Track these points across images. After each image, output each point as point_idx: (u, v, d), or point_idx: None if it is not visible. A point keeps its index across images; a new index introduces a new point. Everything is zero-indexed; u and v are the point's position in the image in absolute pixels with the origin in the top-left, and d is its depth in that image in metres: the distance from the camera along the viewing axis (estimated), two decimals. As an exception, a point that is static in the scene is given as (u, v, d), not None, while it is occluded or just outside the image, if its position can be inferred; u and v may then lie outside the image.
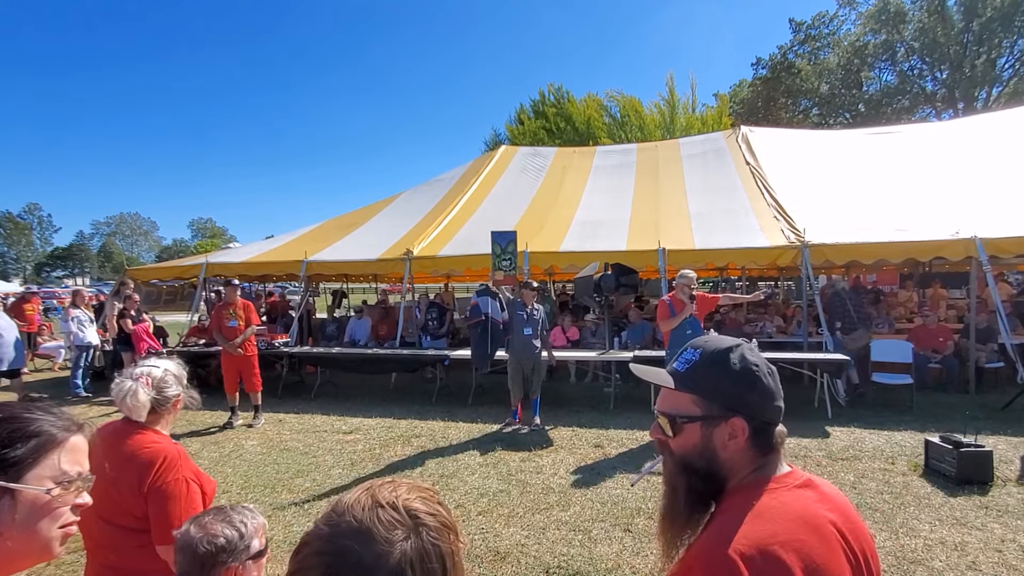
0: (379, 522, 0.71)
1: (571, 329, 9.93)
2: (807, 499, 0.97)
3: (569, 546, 3.79)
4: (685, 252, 8.35)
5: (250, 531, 1.43)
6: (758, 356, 1.05)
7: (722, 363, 1.03)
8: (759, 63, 35.08)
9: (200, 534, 1.38)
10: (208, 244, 59.78)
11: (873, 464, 5.18)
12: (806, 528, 0.91)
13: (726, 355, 1.03)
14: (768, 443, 1.02)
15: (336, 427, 6.83)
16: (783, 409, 1.04)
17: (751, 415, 1.00)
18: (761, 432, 1.01)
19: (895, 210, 8.75)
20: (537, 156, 14.23)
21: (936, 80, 30.86)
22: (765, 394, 1.02)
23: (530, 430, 6.47)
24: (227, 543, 1.38)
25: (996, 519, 4.04)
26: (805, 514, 0.94)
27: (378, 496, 0.75)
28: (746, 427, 1.00)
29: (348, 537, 0.70)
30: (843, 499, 1.03)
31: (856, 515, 1.02)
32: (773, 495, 0.96)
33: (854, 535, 0.97)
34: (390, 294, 13.46)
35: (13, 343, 8.34)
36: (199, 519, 1.43)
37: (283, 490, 4.90)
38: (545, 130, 28.10)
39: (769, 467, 1.01)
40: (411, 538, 0.71)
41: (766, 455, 1.02)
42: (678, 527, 1.04)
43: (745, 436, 1.00)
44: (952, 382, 8.02)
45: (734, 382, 1.02)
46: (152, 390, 1.90)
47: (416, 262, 9.45)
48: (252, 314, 7.25)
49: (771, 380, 1.03)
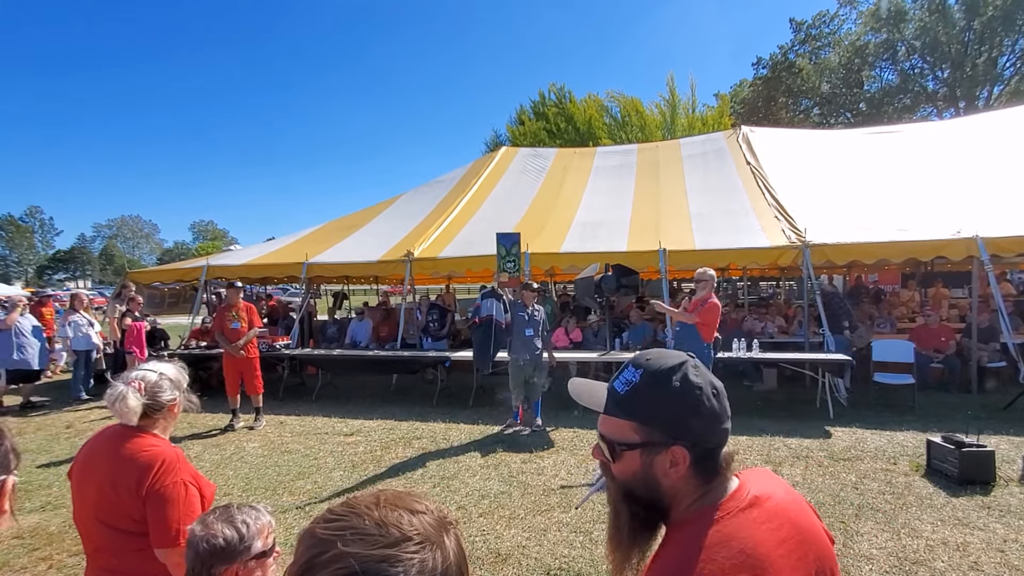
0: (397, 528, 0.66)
1: (575, 330, 9.93)
2: (753, 523, 0.92)
3: (571, 548, 3.79)
4: (686, 253, 8.34)
5: (252, 532, 1.42)
6: (703, 376, 0.98)
7: (662, 384, 0.95)
8: (759, 63, 35.10)
9: (202, 533, 1.38)
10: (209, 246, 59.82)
11: (875, 464, 5.17)
12: (753, 559, 0.87)
13: (668, 376, 0.96)
14: (712, 469, 0.96)
15: (337, 429, 6.83)
16: (729, 430, 0.98)
17: (693, 441, 0.94)
18: (705, 458, 0.95)
19: (896, 210, 8.73)
20: (537, 157, 14.23)
21: (937, 79, 30.83)
22: (709, 418, 0.95)
23: (531, 431, 6.47)
24: (226, 544, 1.37)
25: (998, 519, 4.03)
26: (752, 542, 0.89)
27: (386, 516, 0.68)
28: (687, 455, 0.94)
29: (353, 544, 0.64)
30: (794, 506, 0.98)
31: (807, 521, 0.98)
32: (719, 526, 0.91)
33: (806, 546, 0.94)
34: (391, 295, 13.47)
35: (40, 344, 8.40)
36: (205, 518, 1.43)
37: (284, 492, 4.90)
38: (546, 131, 28.10)
39: (713, 494, 0.96)
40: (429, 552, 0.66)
41: (709, 482, 0.96)
42: (624, 551, 1.00)
43: (687, 464, 0.94)
44: (954, 382, 8.00)
45: (675, 406, 0.95)
46: (144, 395, 1.89)
47: (417, 263, 9.45)
48: (254, 316, 7.26)
49: (715, 402, 0.96)
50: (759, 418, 6.69)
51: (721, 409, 0.97)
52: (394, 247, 10.05)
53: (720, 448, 0.97)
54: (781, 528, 0.92)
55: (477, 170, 13.42)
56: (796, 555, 0.91)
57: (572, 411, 7.22)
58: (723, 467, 0.97)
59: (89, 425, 7.29)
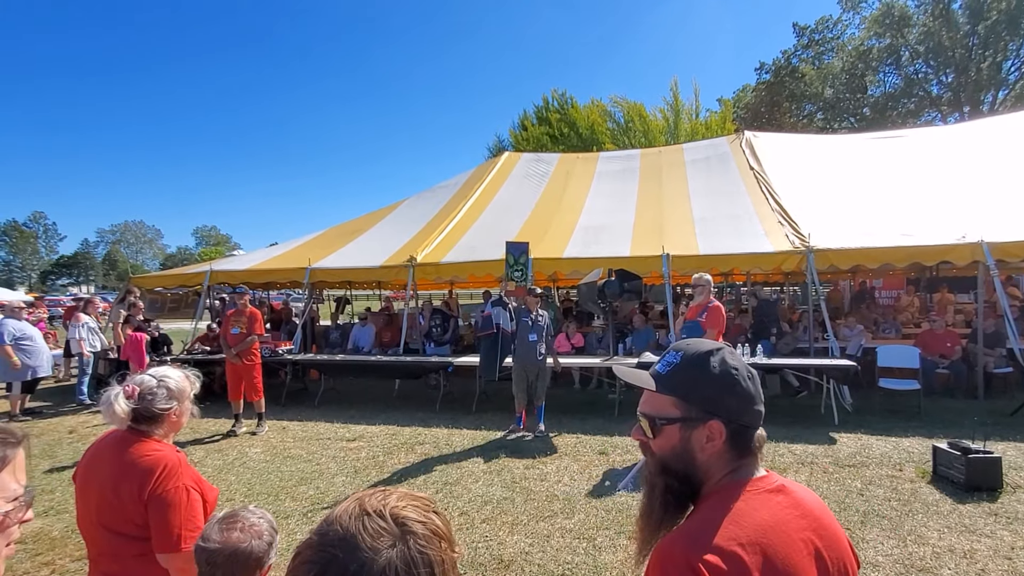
0: (364, 530, 0.71)
1: (576, 336, 9.91)
2: (777, 504, 0.98)
3: (574, 554, 3.76)
4: (689, 257, 8.33)
5: (275, 525, 1.50)
6: (739, 360, 1.05)
7: (701, 366, 1.04)
8: (763, 68, 35.14)
9: (250, 537, 1.41)
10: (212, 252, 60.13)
11: (880, 471, 5.13)
12: (772, 532, 0.93)
13: (706, 358, 1.04)
14: (745, 446, 1.03)
15: (340, 434, 6.82)
16: (763, 413, 1.05)
17: (729, 418, 1.01)
18: (739, 435, 1.02)
19: (901, 214, 8.70)
20: (540, 162, 14.24)
21: (941, 84, 30.83)
22: (744, 397, 1.03)
23: (534, 437, 6.45)
24: (272, 538, 1.45)
25: (1006, 526, 3.99)
26: (773, 519, 0.95)
27: (366, 504, 0.76)
28: (723, 430, 1.01)
29: (335, 546, 0.71)
30: (818, 506, 1.03)
31: (831, 523, 1.02)
32: (744, 499, 0.97)
33: (827, 542, 0.98)
34: (394, 301, 13.47)
35: (45, 351, 8.40)
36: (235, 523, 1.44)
37: (287, 498, 4.89)
38: (549, 136, 28.11)
39: (744, 470, 1.02)
40: (397, 546, 0.71)
41: (743, 458, 1.03)
42: (652, 526, 1.05)
43: (723, 439, 1.01)
44: (960, 387, 7.95)
45: (713, 385, 1.02)
46: (134, 401, 1.88)
47: (419, 269, 9.46)
48: (256, 324, 7.25)
49: (750, 384, 1.04)
50: (763, 424, 6.64)
51: (755, 391, 1.04)
52: (397, 252, 10.06)
53: (753, 428, 1.04)
54: (804, 518, 0.97)
55: (480, 175, 13.45)
56: (815, 547, 0.96)
57: (575, 417, 7.21)
58: (756, 447, 1.04)
59: (92, 430, 7.30)
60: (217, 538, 1.39)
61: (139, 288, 10.50)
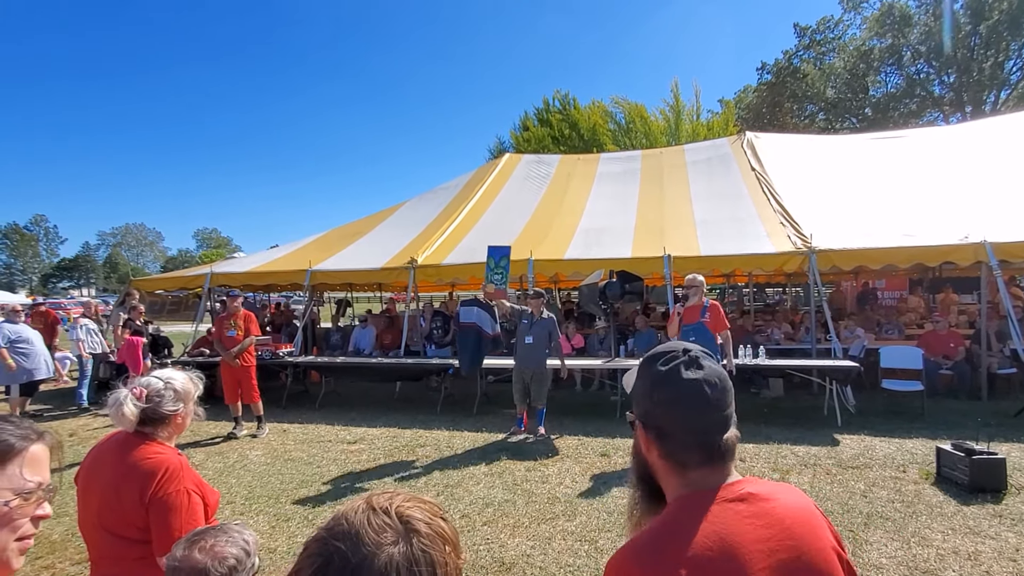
0: (369, 525, 0.73)
1: (575, 337, 9.90)
2: (735, 516, 0.92)
3: (575, 556, 3.75)
4: (691, 259, 8.31)
5: (252, 547, 1.43)
6: (678, 365, 0.99)
7: (640, 367, 1.04)
8: (764, 68, 35.10)
9: (209, 559, 1.35)
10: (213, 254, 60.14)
11: (884, 472, 5.11)
12: (720, 548, 0.89)
13: (646, 361, 1.04)
14: (681, 461, 0.98)
15: (340, 437, 6.81)
16: (709, 425, 0.97)
17: (653, 424, 0.99)
18: (668, 441, 0.98)
19: (903, 215, 8.68)
20: (541, 163, 14.23)
21: (943, 84, 30.79)
22: (667, 404, 0.98)
23: (535, 439, 6.43)
24: (237, 563, 1.37)
25: (1010, 528, 3.97)
26: (725, 532, 0.90)
27: (373, 502, 0.77)
28: (647, 434, 1.00)
29: (339, 539, 0.72)
30: (794, 513, 0.96)
31: (807, 532, 0.95)
32: (701, 510, 0.93)
33: (798, 552, 0.92)
34: (396, 302, 13.46)
35: (44, 353, 8.39)
36: (200, 542, 1.39)
37: (287, 500, 4.88)
38: (550, 137, 28.11)
39: (702, 480, 0.97)
40: (400, 543, 0.72)
41: (686, 472, 0.98)
42: (633, 524, 1.09)
43: (655, 443, 0.99)
44: (964, 388, 7.92)
45: (639, 387, 1.02)
46: (143, 402, 1.88)
47: (420, 271, 9.45)
48: (252, 325, 7.24)
49: (677, 390, 0.97)
50: (766, 425, 6.63)
51: (688, 400, 0.97)
52: (397, 254, 10.06)
53: (692, 438, 0.97)
54: (768, 528, 0.92)
55: (481, 177, 13.44)
56: (776, 557, 0.90)
57: (576, 419, 7.19)
58: (706, 458, 0.97)
59: (93, 433, 7.30)
60: (178, 554, 1.36)
61: (139, 291, 10.50)
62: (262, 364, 8.21)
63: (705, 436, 0.97)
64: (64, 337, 11.66)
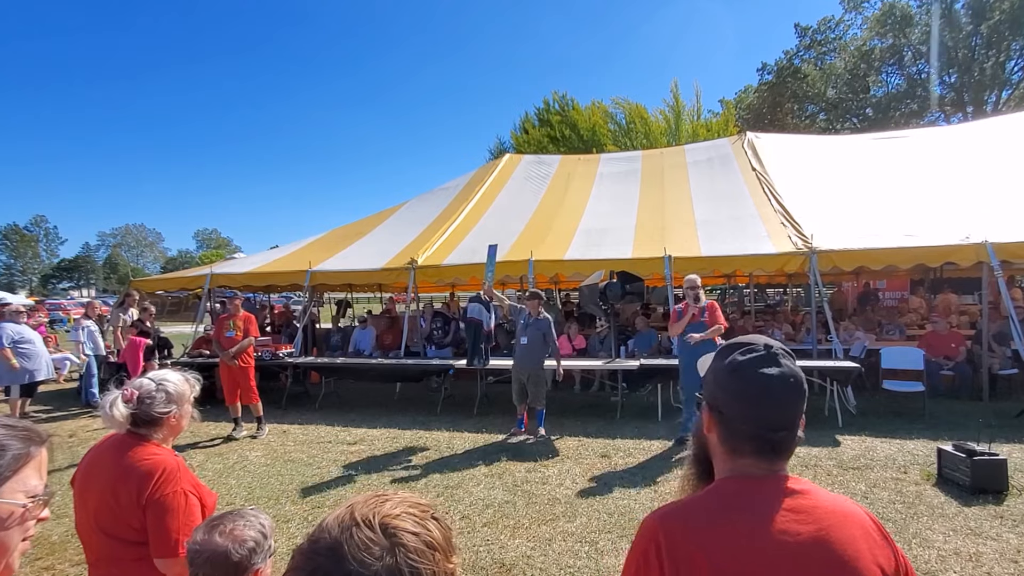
0: (351, 540, 0.70)
1: (577, 338, 9.88)
2: (772, 503, 0.97)
3: (576, 558, 3.74)
4: (691, 259, 8.30)
5: (269, 530, 1.47)
6: (756, 360, 1.04)
7: (720, 354, 1.10)
8: (765, 68, 35.08)
9: (230, 542, 1.39)
10: (213, 255, 60.14)
11: (885, 473, 5.10)
12: (735, 527, 0.95)
13: (723, 350, 1.10)
14: (735, 448, 1.04)
15: (340, 438, 6.80)
16: (771, 421, 1.01)
17: (720, 409, 1.05)
18: (727, 427, 1.04)
19: (904, 215, 8.66)
20: (541, 164, 14.23)
21: (944, 84, 30.75)
22: (733, 392, 1.04)
23: (535, 440, 6.42)
24: (256, 545, 1.41)
25: (1011, 529, 3.96)
26: (757, 513, 0.95)
27: (356, 513, 0.74)
28: (711, 418, 1.07)
29: (321, 554, 0.71)
30: (834, 519, 0.96)
31: (846, 537, 0.94)
32: (730, 492, 1.00)
33: (822, 552, 0.92)
34: (396, 303, 13.45)
35: (44, 354, 8.39)
36: (219, 526, 1.43)
37: (287, 502, 4.88)
38: (550, 138, 28.10)
39: (744, 471, 1.02)
40: (385, 558, 0.70)
41: (736, 457, 1.03)
42: (687, 491, 1.16)
43: (716, 425, 1.06)
44: (965, 389, 7.90)
45: (712, 374, 1.09)
46: (133, 404, 1.87)
47: (420, 271, 9.45)
48: (251, 326, 7.24)
49: (749, 383, 1.02)
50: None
51: (753, 393, 1.02)
52: (397, 255, 10.06)
53: (740, 424, 1.03)
54: (803, 524, 0.94)
55: (481, 177, 13.44)
56: (804, 554, 0.92)
57: (576, 420, 7.18)
58: (756, 450, 1.02)
59: (92, 434, 7.29)
60: (199, 538, 1.39)
61: (139, 291, 10.50)
62: (262, 365, 8.20)
63: (760, 430, 1.01)
64: (65, 338, 11.66)
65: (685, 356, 6.21)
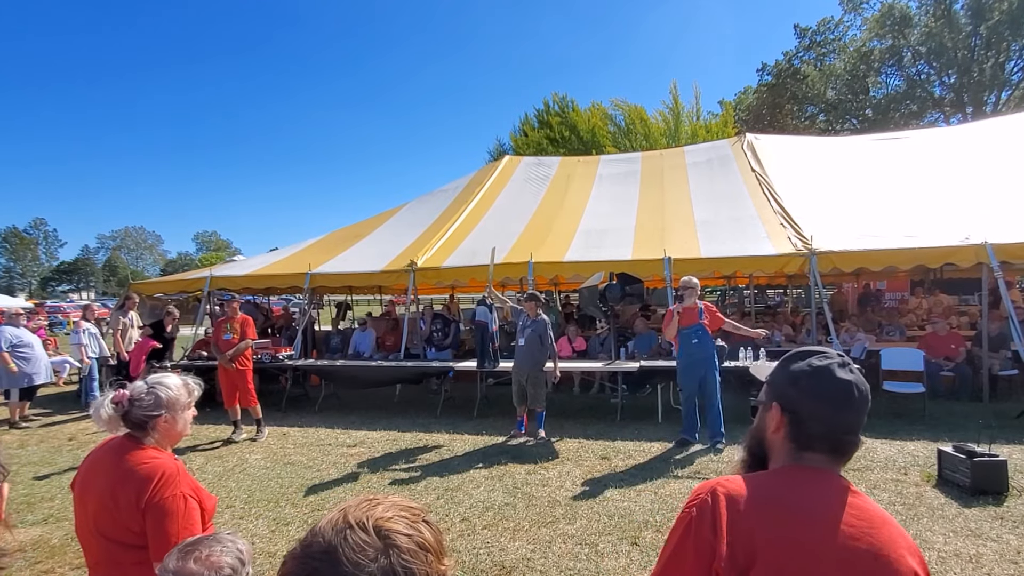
0: (346, 543, 0.71)
1: (577, 340, 9.88)
2: (834, 496, 1.03)
3: (576, 560, 3.74)
4: (691, 261, 8.30)
5: (247, 556, 1.40)
6: (826, 365, 1.10)
7: (785, 360, 1.17)
8: (764, 69, 35.09)
9: (205, 569, 1.33)
10: (213, 257, 60.10)
11: (885, 475, 5.09)
12: (792, 505, 1.01)
13: (793, 355, 1.17)
14: (806, 445, 1.09)
15: (340, 440, 6.80)
16: (842, 424, 1.07)
17: (783, 404, 1.10)
18: (796, 425, 1.09)
19: (904, 216, 8.66)
20: (541, 166, 14.23)
21: (944, 85, 30.76)
22: (806, 391, 1.09)
23: (535, 442, 6.42)
24: (233, 572, 1.34)
25: (1012, 530, 3.95)
26: (815, 499, 1.02)
27: (350, 516, 0.75)
28: (780, 414, 1.11)
29: (315, 558, 0.71)
30: (883, 521, 1.02)
31: (892, 540, 0.99)
32: (784, 474, 1.08)
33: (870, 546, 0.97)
34: (397, 305, 13.45)
35: (44, 358, 8.39)
36: (194, 552, 1.35)
37: (287, 504, 4.87)
38: (549, 140, 28.10)
39: (803, 460, 1.09)
40: (379, 560, 0.71)
41: (802, 451, 1.09)
42: None
43: (782, 423, 1.10)
44: (965, 390, 7.89)
45: (779, 375, 1.15)
46: (122, 407, 1.87)
47: (420, 273, 9.45)
48: (249, 329, 7.23)
49: (823, 385, 1.08)
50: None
51: (835, 396, 1.07)
52: (397, 257, 10.06)
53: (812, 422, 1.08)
54: (856, 518, 1.00)
55: (480, 179, 13.44)
56: (854, 544, 0.97)
57: (577, 422, 7.17)
58: (828, 449, 1.08)
59: (91, 437, 7.28)
60: (172, 566, 1.34)
61: (138, 294, 10.49)
62: (261, 367, 8.20)
63: (836, 431, 1.08)
64: (65, 341, 11.65)
65: (684, 357, 6.22)
